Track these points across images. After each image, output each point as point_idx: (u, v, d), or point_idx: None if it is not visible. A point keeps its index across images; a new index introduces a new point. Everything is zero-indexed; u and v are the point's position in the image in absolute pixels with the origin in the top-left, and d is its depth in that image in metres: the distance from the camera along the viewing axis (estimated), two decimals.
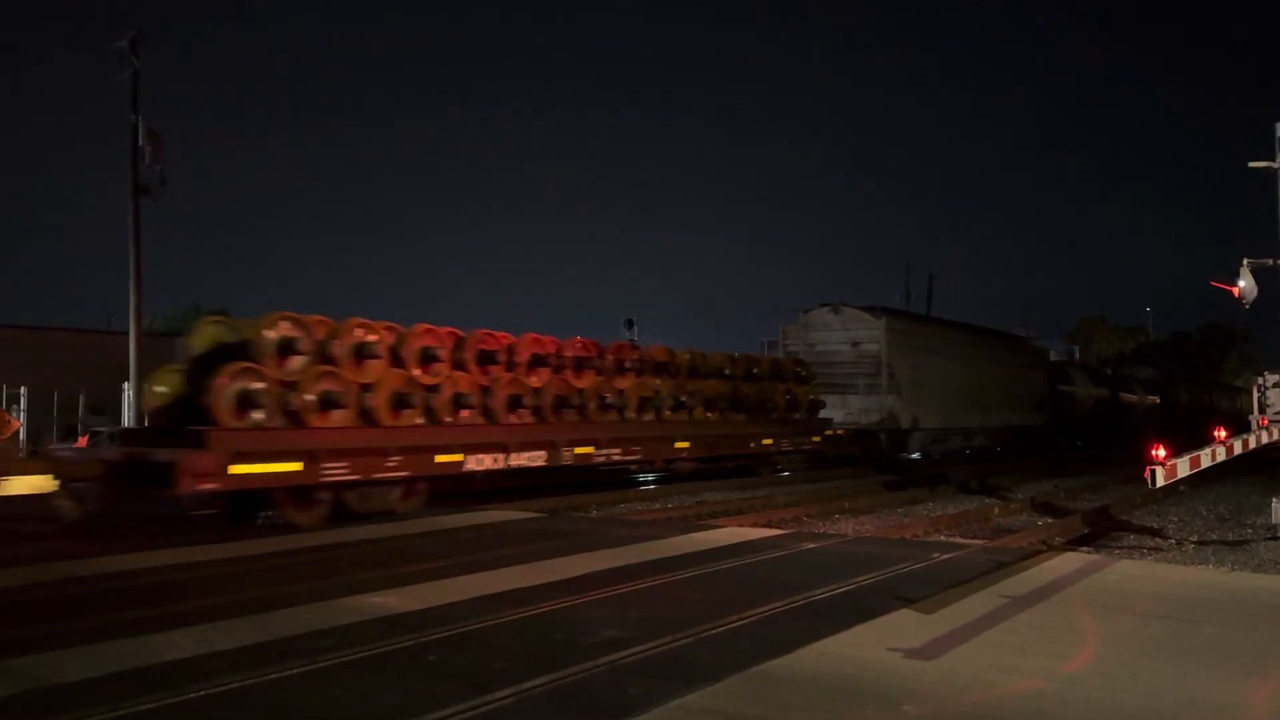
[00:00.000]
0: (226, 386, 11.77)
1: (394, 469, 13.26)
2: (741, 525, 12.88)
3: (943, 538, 13.03)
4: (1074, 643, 6.02)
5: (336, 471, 12.57)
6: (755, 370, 21.66)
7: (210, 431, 11.55)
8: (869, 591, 7.55)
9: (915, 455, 28.53)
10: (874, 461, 25.31)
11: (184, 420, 12.16)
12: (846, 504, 16.79)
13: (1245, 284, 13.94)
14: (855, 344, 26.28)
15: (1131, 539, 13.29)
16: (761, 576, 8.36)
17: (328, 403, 12.67)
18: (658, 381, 18.61)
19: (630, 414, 17.80)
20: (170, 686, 5.01)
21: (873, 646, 5.75)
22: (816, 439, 23.09)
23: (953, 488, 19.89)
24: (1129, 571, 8.80)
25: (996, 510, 16.08)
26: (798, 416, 22.63)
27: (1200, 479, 16.72)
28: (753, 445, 21.07)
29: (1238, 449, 13.63)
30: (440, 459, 13.99)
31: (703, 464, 20.12)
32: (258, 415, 12.01)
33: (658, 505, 16.74)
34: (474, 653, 5.72)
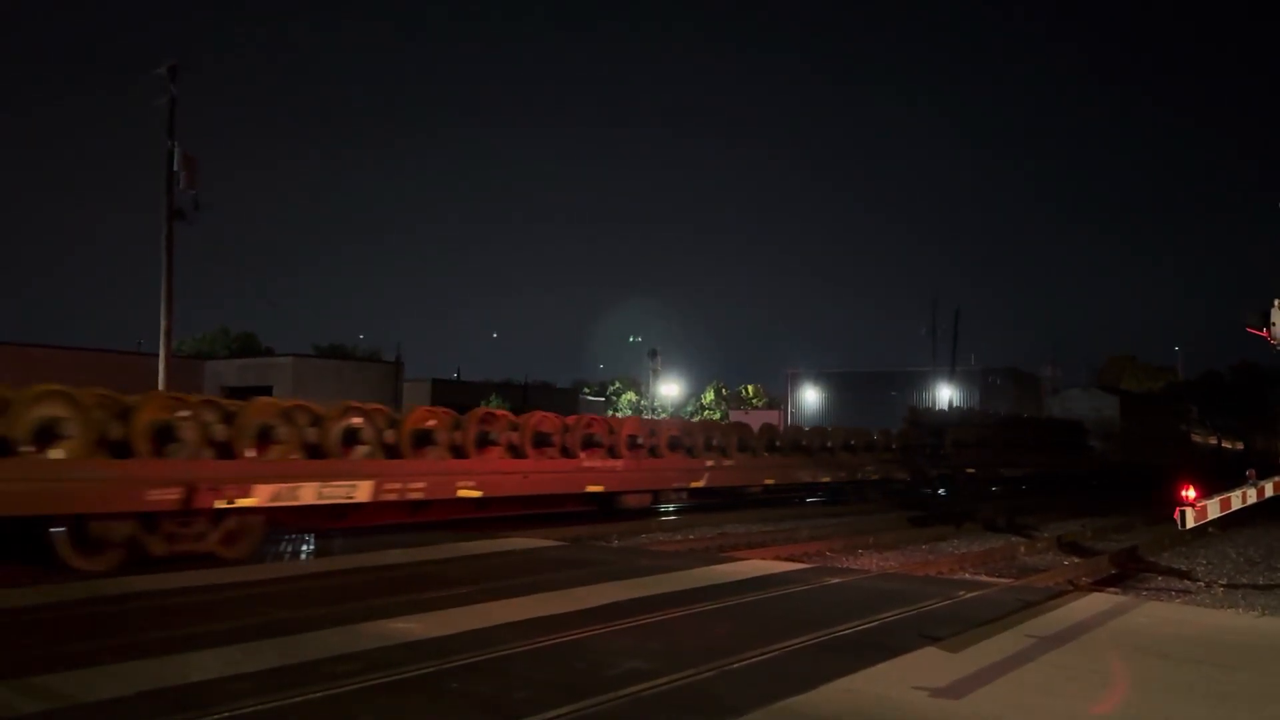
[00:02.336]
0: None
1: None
2: (764, 558, 12.81)
3: (968, 575, 12.90)
4: (1102, 685, 5.94)
5: None
6: (1065, 427, 40.74)
7: None
8: (894, 628, 7.49)
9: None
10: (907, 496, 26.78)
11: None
12: (870, 539, 16.67)
13: (1278, 325, 13.79)
14: (1097, 410, 44.11)
15: (1160, 581, 13.11)
16: (785, 611, 8.32)
17: None
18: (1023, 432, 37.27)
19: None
20: (196, 707, 5.04)
21: (898, 684, 5.70)
22: (1091, 466, 39.25)
23: (978, 525, 19.69)
24: (1158, 614, 8.68)
25: (1023, 549, 15.91)
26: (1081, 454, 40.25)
27: (1230, 521, 16.47)
28: (1066, 468, 36.83)
29: (1269, 491, 13.43)
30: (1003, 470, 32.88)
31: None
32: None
33: (679, 537, 16.69)
34: (496, 681, 5.73)
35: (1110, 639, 7.26)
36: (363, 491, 13.39)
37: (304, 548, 13.17)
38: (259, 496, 12.01)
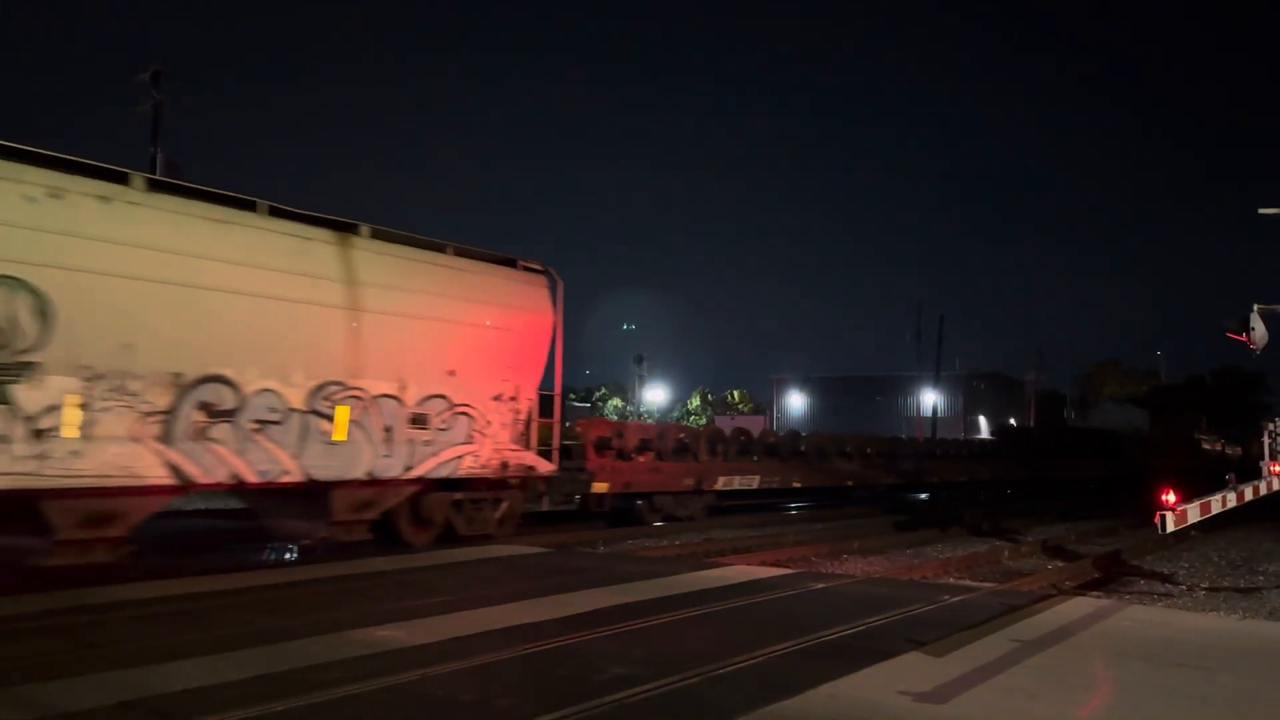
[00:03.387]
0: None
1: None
2: (750, 564, 12.82)
3: (953, 580, 12.94)
4: (1086, 688, 5.97)
5: None
6: (1109, 435, 46.78)
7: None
8: (879, 633, 7.51)
9: None
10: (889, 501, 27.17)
11: None
12: (856, 544, 16.69)
13: (1257, 330, 13.92)
14: (1129, 421, 55.34)
15: (1143, 584, 13.18)
16: (770, 616, 8.33)
17: None
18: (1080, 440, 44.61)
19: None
20: (178, 717, 5.01)
21: (883, 689, 5.72)
22: (1130, 469, 41.38)
23: (964, 530, 19.76)
24: (1140, 617, 8.73)
25: (1007, 553, 15.97)
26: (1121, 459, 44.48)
27: (1212, 525, 16.60)
28: (1113, 471, 40.89)
29: (1249, 495, 13.55)
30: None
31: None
32: None
33: (664, 542, 16.68)
34: (481, 688, 5.71)
35: (1094, 643, 7.30)
36: (754, 482, 21.22)
37: (287, 554, 13.09)
38: (719, 484, 20.22)
